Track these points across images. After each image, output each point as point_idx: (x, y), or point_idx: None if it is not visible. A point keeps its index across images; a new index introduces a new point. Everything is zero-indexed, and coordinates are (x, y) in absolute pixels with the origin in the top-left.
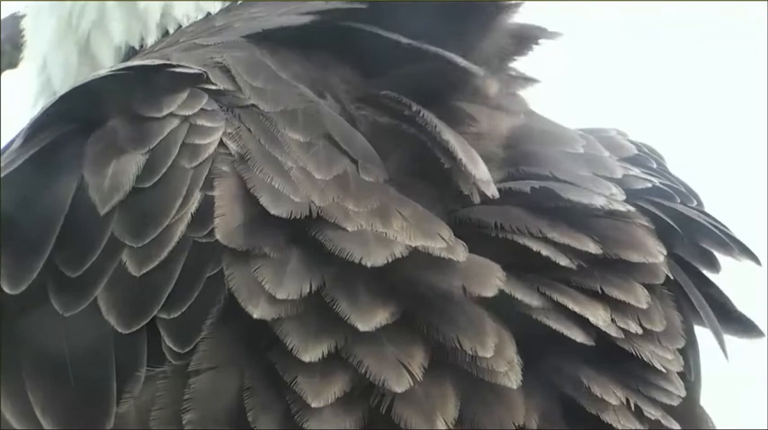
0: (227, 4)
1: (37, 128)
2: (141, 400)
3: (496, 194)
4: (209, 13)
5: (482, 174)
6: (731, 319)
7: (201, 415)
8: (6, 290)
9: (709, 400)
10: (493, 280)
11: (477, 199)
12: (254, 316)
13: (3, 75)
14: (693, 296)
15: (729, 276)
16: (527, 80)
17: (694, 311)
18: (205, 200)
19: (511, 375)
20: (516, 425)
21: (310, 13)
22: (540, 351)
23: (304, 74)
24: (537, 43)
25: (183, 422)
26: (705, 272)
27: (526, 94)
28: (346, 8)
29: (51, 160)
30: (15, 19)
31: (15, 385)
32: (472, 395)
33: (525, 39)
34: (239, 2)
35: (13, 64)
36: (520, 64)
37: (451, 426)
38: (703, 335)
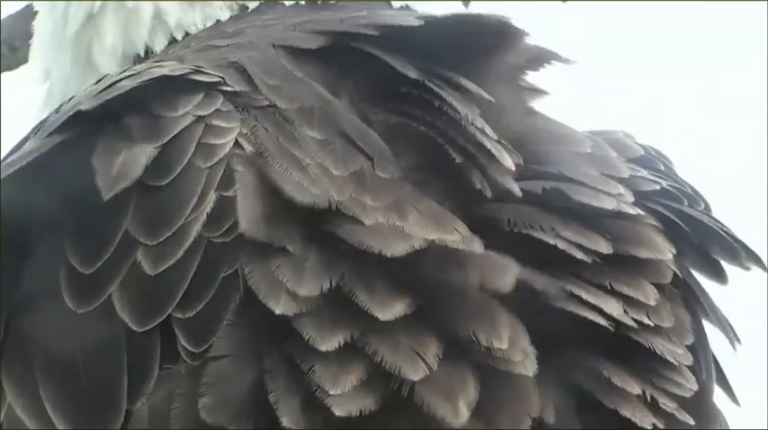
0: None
1: (54, 131)
2: (154, 400)
3: (518, 192)
4: (218, 21)
5: (508, 163)
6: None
7: (218, 400)
8: (19, 285)
9: (714, 396)
10: (510, 275)
11: (489, 193)
12: (277, 312)
13: (2, 77)
14: (702, 295)
15: (730, 276)
16: (537, 92)
17: (703, 309)
18: (220, 200)
19: (527, 363)
20: (532, 416)
21: (322, 34)
22: (556, 343)
23: (318, 74)
24: (549, 63)
25: (199, 406)
26: (712, 282)
27: (537, 105)
28: (359, 33)
29: (63, 155)
30: (15, 21)
31: (27, 382)
32: (489, 382)
33: (538, 58)
34: (249, 8)
35: (11, 66)
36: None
37: (471, 410)
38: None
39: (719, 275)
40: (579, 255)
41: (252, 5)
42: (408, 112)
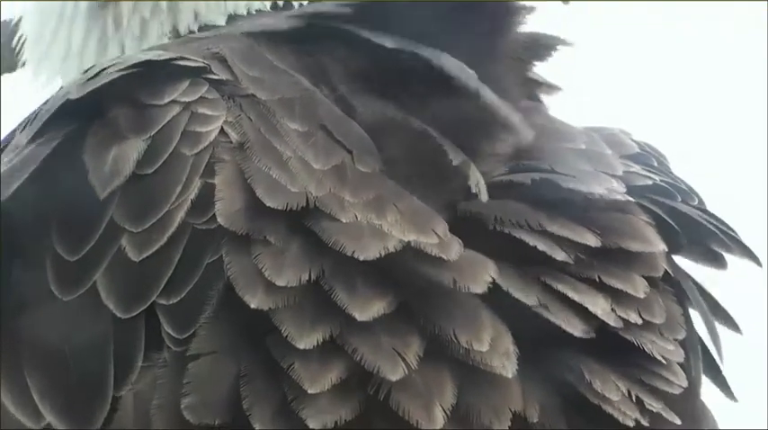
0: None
1: (44, 124)
2: (139, 386)
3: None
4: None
5: (518, 121)
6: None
7: (200, 399)
8: (5, 275)
9: (708, 400)
10: (484, 276)
11: (485, 196)
12: (252, 305)
13: (2, 78)
14: (690, 291)
15: (729, 276)
16: (551, 87)
17: (692, 305)
18: (205, 187)
19: (507, 365)
20: (514, 411)
21: (295, 17)
22: (539, 343)
23: (300, 64)
24: (555, 50)
25: (182, 406)
26: (710, 269)
27: (549, 100)
28: (336, 12)
29: (53, 146)
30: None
31: (13, 370)
32: (469, 383)
33: (542, 46)
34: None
35: (12, 68)
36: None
37: (449, 413)
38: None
39: (717, 261)
40: (560, 256)
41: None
42: (393, 101)
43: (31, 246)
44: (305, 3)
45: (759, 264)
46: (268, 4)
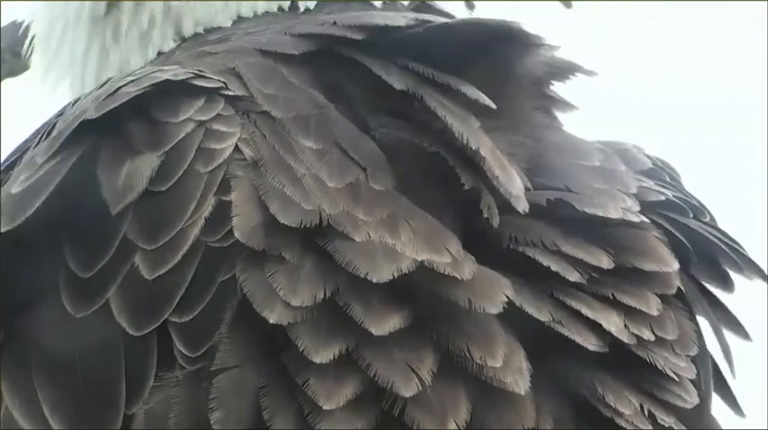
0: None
1: (61, 144)
2: (151, 405)
3: (527, 209)
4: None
5: (517, 190)
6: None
7: (228, 412)
8: (19, 288)
9: (712, 408)
10: (499, 295)
11: (496, 221)
12: (270, 321)
13: (3, 83)
14: (703, 309)
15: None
16: (567, 105)
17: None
18: (219, 204)
19: (520, 382)
20: (526, 428)
21: (307, 37)
22: (553, 357)
23: (315, 80)
24: (574, 75)
25: (211, 421)
26: (717, 291)
27: (568, 120)
28: (348, 38)
29: (70, 165)
30: (17, 26)
31: (25, 385)
32: (482, 400)
33: (561, 70)
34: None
35: (13, 72)
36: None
37: (462, 429)
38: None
39: (725, 282)
40: (574, 277)
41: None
42: (408, 120)
43: (45, 261)
44: (310, 4)
45: (765, 278)
46: (274, 5)
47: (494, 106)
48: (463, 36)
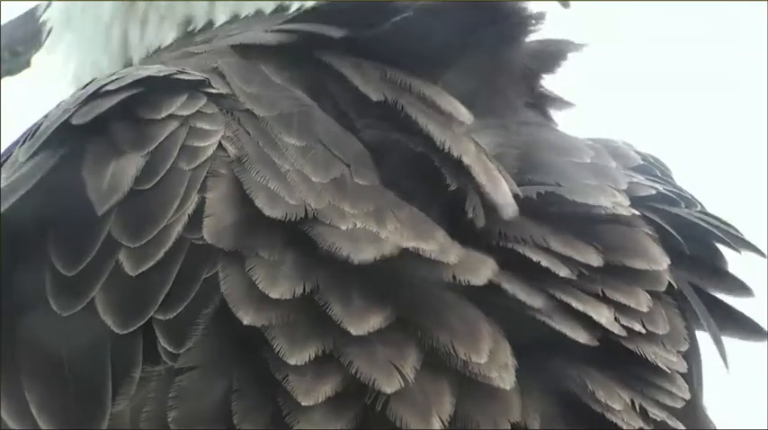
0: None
1: (43, 142)
2: (136, 401)
3: (516, 214)
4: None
5: (503, 198)
6: (735, 321)
7: (187, 413)
8: (5, 288)
9: (709, 400)
10: (484, 270)
11: (481, 222)
12: (244, 322)
13: (2, 82)
14: (695, 302)
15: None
16: (563, 103)
17: (696, 318)
18: (203, 201)
19: (505, 377)
20: (512, 421)
21: (286, 32)
22: (542, 352)
23: (299, 77)
24: (565, 59)
25: (168, 420)
26: (714, 273)
27: (560, 116)
28: (323, 35)
29: (52, 163)
30: (16, 25)
31: (12, 384)
32: (467, 394)
33: (551, 54)
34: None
35: (12, 71)
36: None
37: (446, 424)
38: (703, 336)
39: (719, 272)
40: (563, 272)
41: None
42: (394, 121)
43: (29, 260)
44: (307, 4)
45: (763, 255)
46: (273, 5)
47: (470, 120)
48: (449, 22)
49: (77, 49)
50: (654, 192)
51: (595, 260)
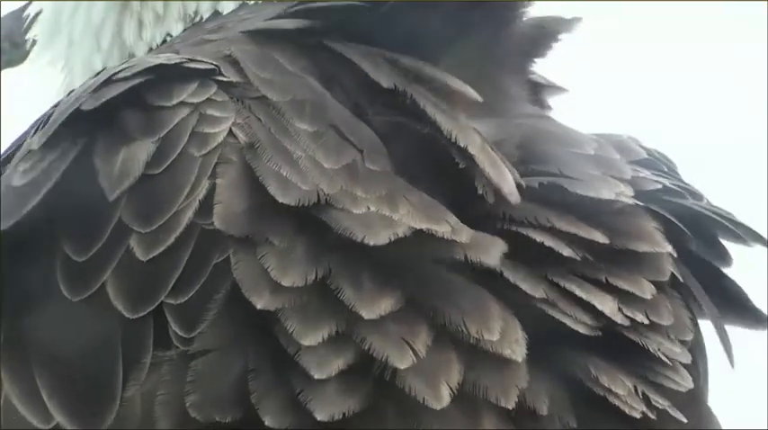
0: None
1: (55, 131)
2: (147, 386)
3: (518, 200)
4: (199, 20)
5: (507, 187)
6: (745, 311)
7: (206, 396)
8: (17, 273)
9: (708, 400)
10: (496, 251)
11: (491, 198)
12: (258, 306)
13: (2, 73)
14: (699, 295)
15: (737, 267)
16: (555, 89)
17: (701, 310)
18: (213, 187)
19: (516, 350)
20: (519, 388)
21: (300, 17)
22: (546, 339)
23: (312, 66)
24: (556, 40)
25: (187, 405)
26: (719, 264)
27: (553, 102)
28: (338, 12)
29: (70, 156)
30: (16, 16)
31: (23, 369)
32: (475, 364)
33: (543, 36)
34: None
35: (12, 62)
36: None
37: (455, 391)
38: (708, 335)
39: (723, 258)
40: (567, 252)
41: None
42: (403, 107)
43: (43, 249)
44: None
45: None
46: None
47: (480, 99)
48: (442, 14)
49: (66, 53)
50: (660, 186)
51: (601, 238)
